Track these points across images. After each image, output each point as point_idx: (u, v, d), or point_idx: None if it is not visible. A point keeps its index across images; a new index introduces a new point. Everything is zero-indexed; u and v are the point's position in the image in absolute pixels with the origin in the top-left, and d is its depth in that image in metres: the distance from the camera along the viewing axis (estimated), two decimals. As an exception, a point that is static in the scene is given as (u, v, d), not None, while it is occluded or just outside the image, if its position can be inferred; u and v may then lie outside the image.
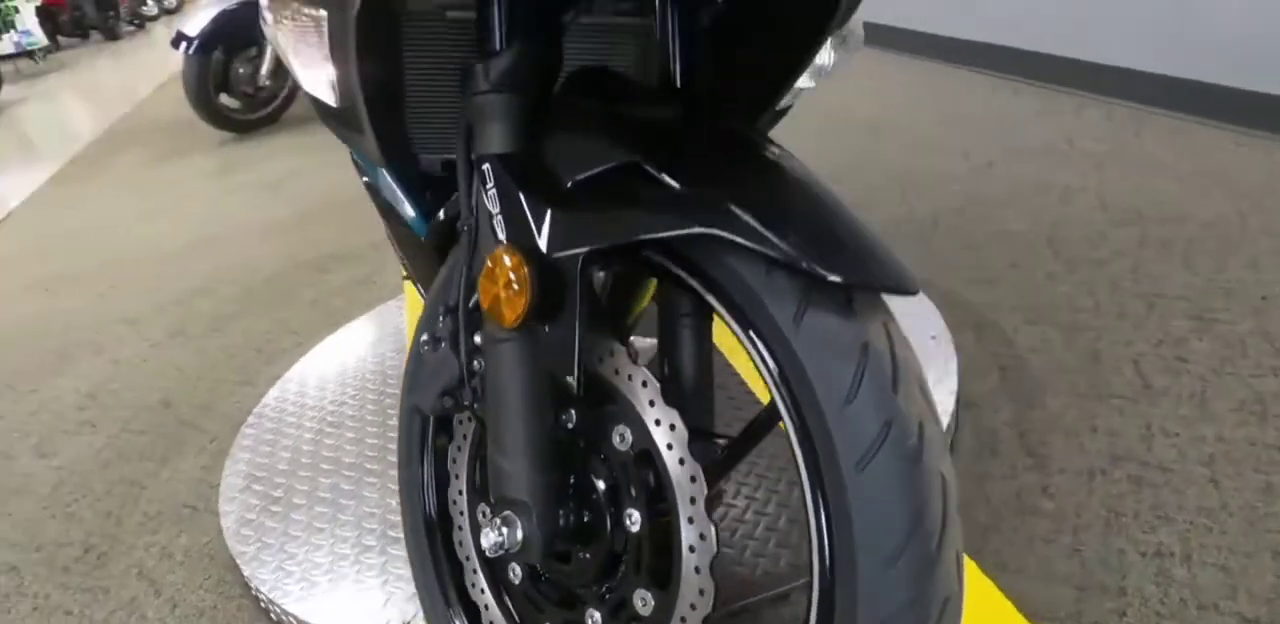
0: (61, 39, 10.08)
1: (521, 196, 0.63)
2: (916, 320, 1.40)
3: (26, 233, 3.26)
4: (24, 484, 1.61)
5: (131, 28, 11.23)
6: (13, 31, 8.15)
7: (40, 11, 8.87)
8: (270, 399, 1.60)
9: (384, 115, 0.74)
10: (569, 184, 0.62)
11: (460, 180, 0.70)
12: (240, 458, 1.44)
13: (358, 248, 2.45)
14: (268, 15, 0.75)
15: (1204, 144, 2.10)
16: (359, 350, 1.72)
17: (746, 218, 0.53)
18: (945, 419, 1.18)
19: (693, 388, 0.69)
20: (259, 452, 1.44)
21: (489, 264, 0.63)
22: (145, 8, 11.89)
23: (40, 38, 8.46)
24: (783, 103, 0.80)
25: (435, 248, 0.85)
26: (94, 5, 10.09)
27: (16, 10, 8.25)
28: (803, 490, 0.53)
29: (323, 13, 0.67)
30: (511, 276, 0.61)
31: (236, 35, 3.74)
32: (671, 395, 0.64)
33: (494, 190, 0.65)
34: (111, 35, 10.43)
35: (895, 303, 1.46)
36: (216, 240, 2.77)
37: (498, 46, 0.66)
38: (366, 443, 1.40)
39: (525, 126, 0.66)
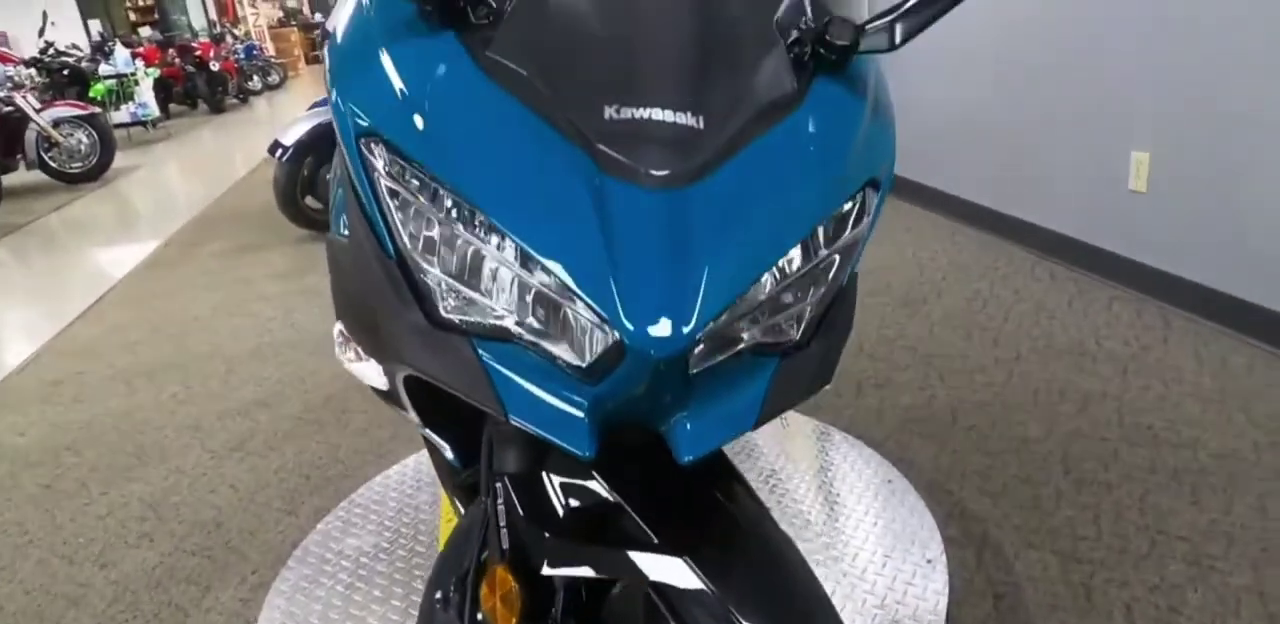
0: (171, 107, 10.86)
1: (523, 516, 0.76)
2: (916, 541, 1.48)
3: (118, 317, 3.51)
4: (82, 595, 1.74)
5: (235, 101, 12.03)
6: (131, 103, 8.83)
7: (156, 82, 9.61)
8: (310, 542, 1.72)
9: (421, 399, 0.88)
10: (562, 513, 0.74)
11: (481, 482, 0.83)
12: (276, 604, 1.55)
13: (412, 375, 2.61)
14: (338, 350, 0.91)
15: (1231, 360, 2.17)
16: (396, 499, 1.85)
17: (699, 575, 0.66)
18: (931, 657, 1.24)
19: None
20: (295, 600, 1.55)
21: (491, 572, 0.75)
22: (250, 83, 12.76)
23: (154, 109, 9.14)
24: None
25: (463, 488, 0.98)
26: (206, 81, 10.89)
27: (137, 83, 8.96)
28: None
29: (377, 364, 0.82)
30: (507, 592, 0.73)
31: (328, 145, 4.06)
32: None
33: (503, 506, 0.77)
34: (217, 108, 11.19)
35: (898, 520, 1.55)
36: (281, 347, 2.96)
37: None
38: (391, 604, 1.51)
39: (535, 452, 0.79)
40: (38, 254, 4.93)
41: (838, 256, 0.68)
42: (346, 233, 0.80)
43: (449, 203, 0.64)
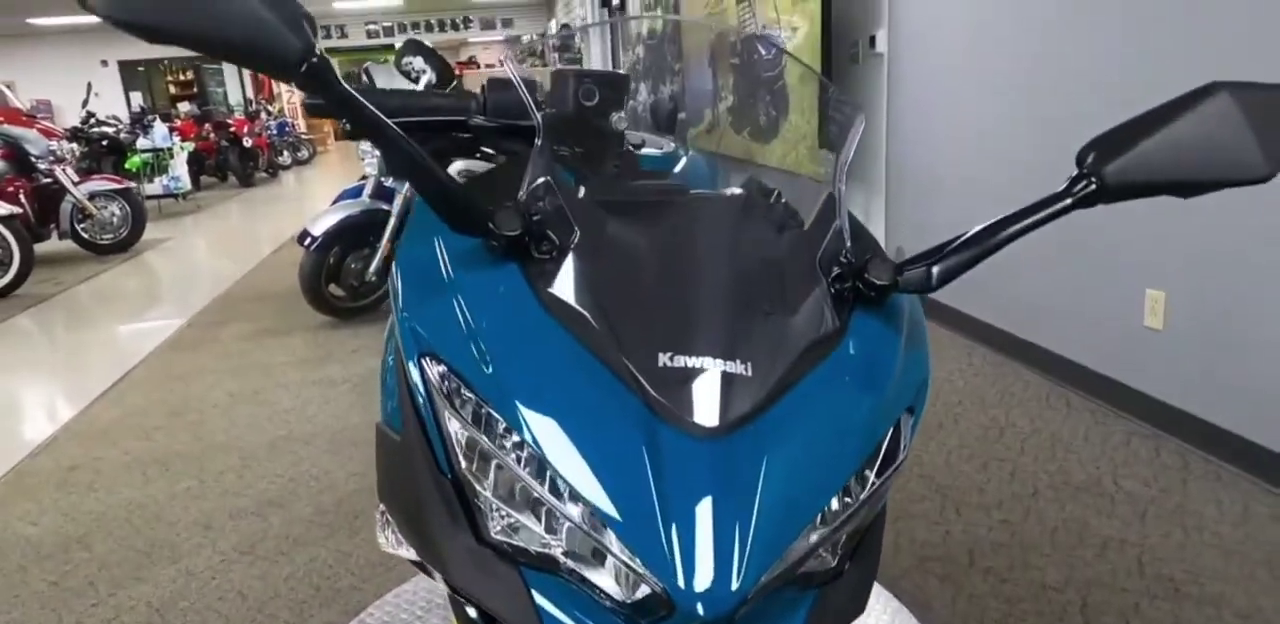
0: (202, 178, 11.17)
1: None
2: (940, 701, 1.46)
3: (135, 400, 3.54)
4: (77, 711, 1.71)
5: (265, 175, 12.37)
6: (164, 176, 9.10)
7: (190, 155, 9.92)
8: (321, 667, 1.70)
9: None
10: None
11: None
12: (283, 734, 1.52)
13: (428, 480, 2.61)
14: (379, 531, 0.93)
15: (1253, 509, 2.16)
16: (406, 623, 1.83)
17: None
18: None
19: None
20: (301, 732, 1.52)
21: None
22: (281, 158, 13.15)
23: (186, 183, 9.40)
24: None
25: None
26: (238, 155, 11.24)
27: (172, 156, 9.25)
28: None
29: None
30: None
31: (354, 236, 4.19)
32: None
33: None
34: (247, 182, 11.50)
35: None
36: (296, 442, 2.97)
37: None
38: (402, 742, 1.48)
39: None
40: (63, 328, 5.00)
41: (878, 486, 0.70)
42: (397, 427, 0.83)
43: (501, 430, 0.67)
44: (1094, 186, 0.76)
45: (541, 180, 0.80)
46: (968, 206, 3.45)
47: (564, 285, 0.72)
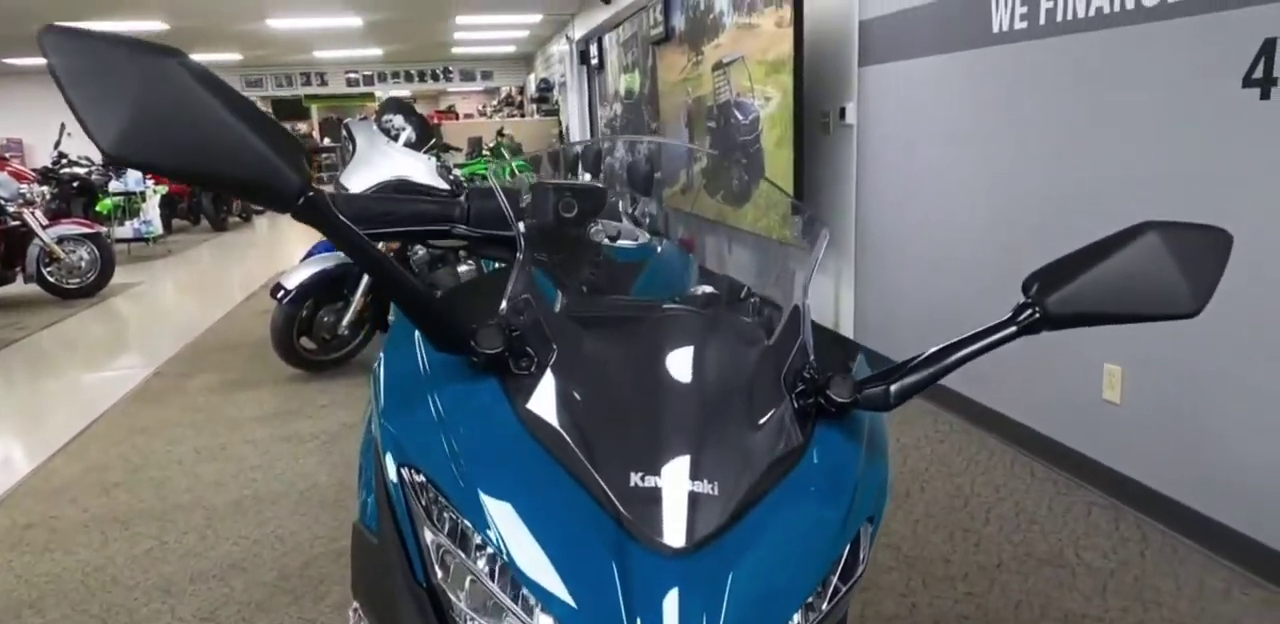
0: (174, 221, 11.10)
1: None
2: None
3: (98, 454, 3.47)
4: None
5: (238, 219, 12.33)
6: (135, 219, 9.05)
7: (162, 198, 9.86)
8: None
9: None
10: None
11: None
12: None
13: (395, 544, 2.58)
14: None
15: (1209, 583, 2.21)
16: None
17: None
18: None
19: None
20: None
21: None
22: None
23: (158, 227, 9.34)
24: None
25: None
26: (211, 199, 11.21)
27: (144, 199, 9.20)
28: None
29: None
30: None
31: (328, 289, 4.19)
32: None
33: None
34: (219, 227, 11.46)
35: None
36: (263, 502, 2.93)
37: None
38: None
39: None
40: (23, 376, 4.91)
41: (842, 591, 0.74)
42: (374, 528, 0.85)
43: (476, 543, 0.70)
44: (1037, 316, 0.82)
45: (523, 296, 0.84)
46: (931, 269, 3.55)
47: (542, 402, 0.76)
